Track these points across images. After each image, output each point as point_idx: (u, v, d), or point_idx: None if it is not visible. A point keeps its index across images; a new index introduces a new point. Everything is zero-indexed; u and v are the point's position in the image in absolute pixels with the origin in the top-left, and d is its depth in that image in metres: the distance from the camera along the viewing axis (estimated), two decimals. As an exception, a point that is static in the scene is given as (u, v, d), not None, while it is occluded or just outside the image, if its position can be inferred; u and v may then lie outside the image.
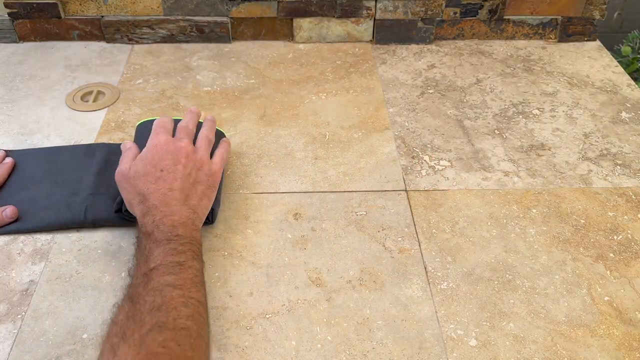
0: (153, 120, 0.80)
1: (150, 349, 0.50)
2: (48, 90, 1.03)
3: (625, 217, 0.80)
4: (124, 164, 0.71)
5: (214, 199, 0.72)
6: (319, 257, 0.74)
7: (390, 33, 1.18)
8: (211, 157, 0.76)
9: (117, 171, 0.71)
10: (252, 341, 0.63)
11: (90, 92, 1.03)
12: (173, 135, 0.75)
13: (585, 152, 0.92)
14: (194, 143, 0.75)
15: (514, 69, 1.12)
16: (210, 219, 0.74)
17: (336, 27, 1.18)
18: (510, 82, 1.09)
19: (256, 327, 0.65)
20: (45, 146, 0.89)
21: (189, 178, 0.69)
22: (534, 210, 0.81)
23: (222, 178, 0.76)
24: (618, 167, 0.89)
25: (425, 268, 0.72)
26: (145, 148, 0.72)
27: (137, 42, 1.17)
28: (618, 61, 1.19)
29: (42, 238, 0.75)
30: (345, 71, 1.10)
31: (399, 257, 0.74)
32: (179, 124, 0.77)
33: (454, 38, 1.21)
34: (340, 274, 0.72)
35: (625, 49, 1.56)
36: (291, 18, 1.16)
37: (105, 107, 0.99)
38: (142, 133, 0.81)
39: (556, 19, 1.19)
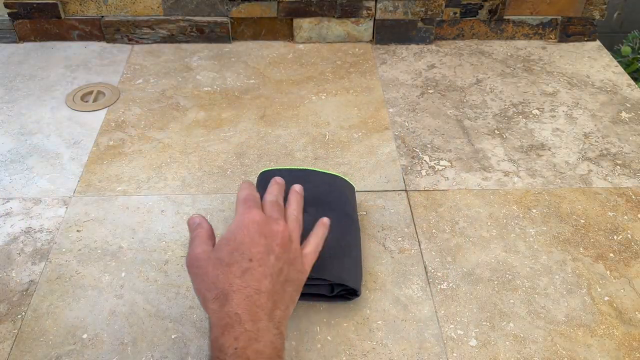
0: (280, 171, 0.75)
1: None
2: (48, 91, 1.03)
3: (625, 217, 0.80)
4: (198, 246, 0.56)
5: (295, 304, 0.57)
6: (319, 257, 0.74)
7: (390, 33, 1.18)
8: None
9: (188, 255, 0.56)
10: (252, 341, 0.63)
11: (90, 92, 1.03)
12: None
13: (585, 152, 0.92)
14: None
15: (514, 69, 1.12)
16: None
17: (336, 27, 1.18)
18: (510, 82, 1.09)
19: (256, 327, 0.65)
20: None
21: (280, 276, 0.54)
22: (534, 210, 0.81)
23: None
24: (618, 167, 0.89)
25: (425, 268, 0.72)
26: (232, 227, 0.56)
27: (137, 42, 1.17)
28: (618, 61, 1.19)
29: (42, 238, 0.75)
30: (345, 71, 1.10)
31: (399, 257, 0.74)
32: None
33: (454, 38, 1.21)
34: (340, 274, 0.72)
35: (625, 49, 1.56)
36: (291, 18, 1.16)
37: (105, 107, 0.99)
38: (265, 184, 0.74)
39: (556, 19, 1.19)
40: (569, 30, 1.20)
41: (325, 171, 0.79)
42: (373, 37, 1.19)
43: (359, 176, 0.86)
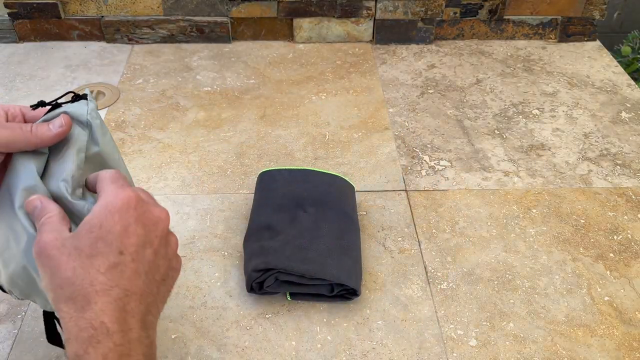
0: (280, 171, 0.75)
1: None
2: (48, 91, 1.03)
3: (625, 217, 0.80)
4: (49, 232, 0.43)
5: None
6: (319, 257, 0.74)
7: (390, 33, 1.18)
8: None
9: (36, 242, 0.43)
10: (252, 341, 0.63)
11: (90, 92, 1.02)
12: None
13: (585, 152, 0.92)
14: None
15: (514, 69, 1.12)
16: None
17: (336, 27, 1.17)
18: (510, 82, 1.09)
19: (256, 327, 0.65)
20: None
21: (156, 274, 0.44)
22: (534, 210, 0.81)
23: None
24: (618, 167, 0.89)
25: (425, 268, 0.72)
26: (98, 209, 0.43)
27: (137, 42, 1.17)
28: (618, 61, 1.19)
29: (42, 238, 0.75)
30: (345, 71, 1.10)
31: (399, 257, 0.74)
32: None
33: (454, 38, 1.21)
34: (340, 274, 0.71)
35: (625, 49, 1.56)
36: (291, 18, 1.16)
37: (105, 107, 0.99)
38: (265, 184, 0.76)
39: (556, 19, 1.19)
40: (569, 30, 1.20)
41: (325, 171, 0.78)
42: (373, 37, 1.19)
43: (359, 176, 0.86)
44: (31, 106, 0.50)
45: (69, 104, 0.50)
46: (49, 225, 0.43)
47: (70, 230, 0.44)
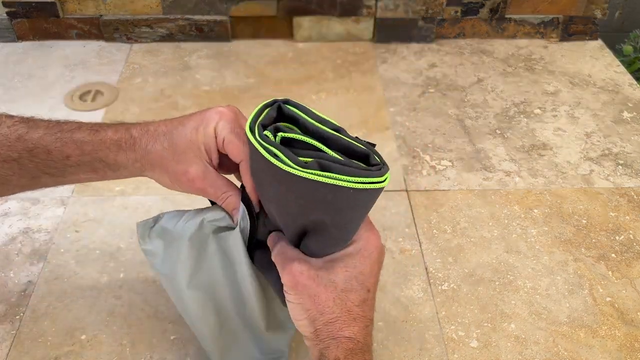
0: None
1: None
2: (47, 90, 1.03)
3: (627, 217, 0.80)
4: (297, 262, 0.49)
5: None
6: (319, 257, 0.73)
7: (390, 32, 1.18)
8: None
9: (288, 271, 0.48)
10: (251, 342, 0.63)
11: (89, 92, 1.02)
12: None
13: (586, 152, 0.91)
14: None
15: (515, 68, 1.12)
16: None
17: (336, 25, 1.17)
18: (511, 81, 1.08)
19: (256, 328, 0.64)
20: None
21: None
22: (536, 211, 0.81)
23: None
24: (620, 167, 0.89)
25: (426, 269, 0.72)
26: (354, 252, 0.50)
27: (136, 41, 1.16)
28: (620, 60, 1.18)
29: (41, 238, 0.74)
30: (345, 70, 1.10)
31: (400, 258, 0.73)
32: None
33: (455, 37, 1.21)
34: (340, 274, 0.71)
35: (627, 48, 1.56)
36: (291, 17, 1.16)
37: (103, 107, 0.99)
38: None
39: (557, 18, 1.19)
40: (571, 29, 1.20)
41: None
42: (373, 36, 1.19)
43: (360, 176, 0.85)
44: None
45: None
46: (292, 253, 0.50)
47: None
